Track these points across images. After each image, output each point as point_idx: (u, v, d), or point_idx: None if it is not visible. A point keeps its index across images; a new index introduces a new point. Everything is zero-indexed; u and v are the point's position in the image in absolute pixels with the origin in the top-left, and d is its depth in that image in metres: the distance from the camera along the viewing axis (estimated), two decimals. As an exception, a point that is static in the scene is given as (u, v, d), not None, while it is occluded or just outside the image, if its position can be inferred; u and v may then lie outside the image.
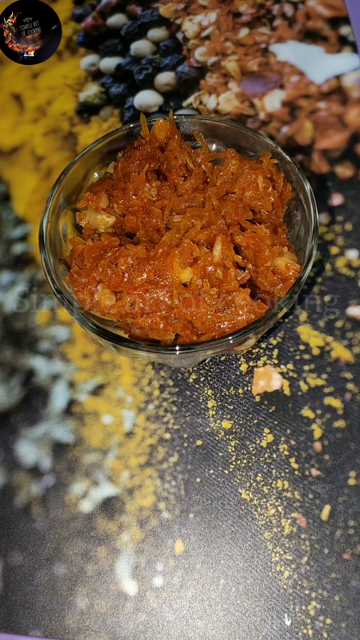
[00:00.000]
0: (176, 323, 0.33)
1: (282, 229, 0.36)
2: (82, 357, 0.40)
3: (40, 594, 0.34)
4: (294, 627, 0.32)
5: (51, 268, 0.35)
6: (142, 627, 0.33)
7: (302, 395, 0.37)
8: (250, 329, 0.32)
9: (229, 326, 0.32)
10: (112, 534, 0.35)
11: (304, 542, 0.34)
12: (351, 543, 0.34)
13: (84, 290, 0.34)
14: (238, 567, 0.34)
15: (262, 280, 0.34)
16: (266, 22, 0.51)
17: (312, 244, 0.34)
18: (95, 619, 0.33)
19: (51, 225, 0.36)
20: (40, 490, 0.37)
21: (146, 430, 0.37)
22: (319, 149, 0.45)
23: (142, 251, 0.33)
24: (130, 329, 0.35)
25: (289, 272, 0.34)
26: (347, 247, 0.42)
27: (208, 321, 0.33)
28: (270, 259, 0.34)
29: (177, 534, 0.35)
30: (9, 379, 0.40)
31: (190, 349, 0.32)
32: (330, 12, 0.51)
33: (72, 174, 0.38)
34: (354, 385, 0.37)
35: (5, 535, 0.36)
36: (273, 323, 0.33)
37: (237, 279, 0.33)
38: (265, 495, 0.35)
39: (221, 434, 0.37)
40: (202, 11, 0.52)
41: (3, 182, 0.47)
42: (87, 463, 0.37)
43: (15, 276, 0.43)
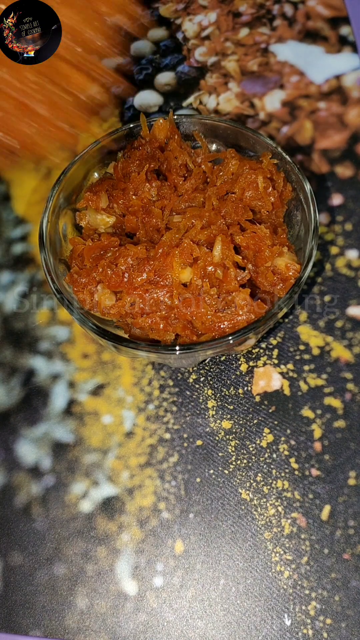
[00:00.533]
0: (176, 323, 0.33)
1: (282, 229, 0.36)
2: (82, 357, 0.40)
3: (40, 594, 0.34)
4: (294, 627, 0.32)
5: (51, 268, 0.35)
6: (142, 627, 0.33)
7: (302, 395, 0.37)
8: (250, 329, 0.32)
9: (229, 326, 0.32)
10: (112, 534, 0.35)
11: (304, 542, 0.34)
12: (351, 543, 0.34)
13: (84, 290, 0.34)
14: (238, 567, 0.34)
15: (262, 280, 0.34)
16: (266, 22, 0.51)
17: (312, 244, 0.34)
18: (95, 619, 0.33)
19: (51, 225, 0.36)
20: (40, 490, 0.37)
21: (146, 430, 0.37)
22: (319, 149, 0.45)
23: (142, 251, 0.33)
24: (130, 329, 0.35)
25: (289, 272, 0.34)
26: (347, 247, 0.42)
27: (208, 321, 0.33)
28: (270, 259, 0.34)
29: (177, 534, 0.35)
30: (9, 379, 0.40)
31: (190, 349, 0.32)
32: (330, 12, 0.51)
33: (72, 174, 0.38)
34: (354, 385, 0.37)
35: (5, 535, 0.36)
36: (273, 323, 0.33)
37: (237, 279, 0.33)
38: (265, 495, 0.35)
39: (221, 434, 0.37)
40: (202, 11, 0.52)
41: (3, 182, 0.47)
42: (87, 463, 0.37)
43: (15, 276, 0.43)
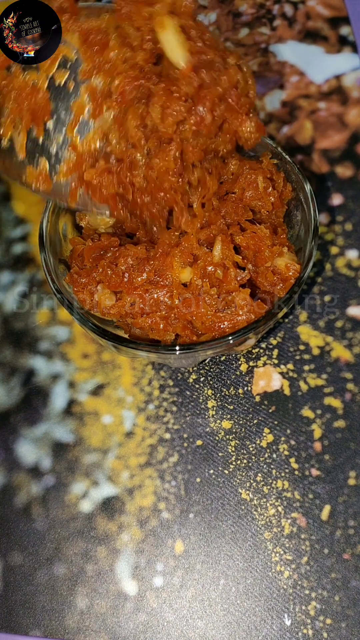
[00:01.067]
0: (176, 323, 0.33)
1: (282, 229, 0.36)
2: (82, 357, 0.40)
3: (40, 594, 0.34)
4: (294, 627, 0.32)
5: (51, 268, 0.35)
6: (142, 627, 0.33)
7: (302, 395, 0.37)
8: (250, 328, 0.32)
9: (229, 326, 0.32)
10: (112, 534, 0.35)
11: (304, 542, 0.34)
12: (351, 543, 0.34)
13: (84, 290, 0.34)
14: (238, 567, 0.34)
15: (262, 280, 0.34)
16: (266, 22, 0.51)
17: (312, 244, 0.34)
18: (95, 619, 0.34)
19: (51, 225, 0.36)
20: (40, 490, 0.37)
21: (146, 430, 0.37)
22: (319, 149, 0.45)
23: (142, 251, 0.33)
24: (130, 329, 0.35)
25: (288, 272, 0.34)
26: (347, 247, 0.42)
27: (208, 321, 0.33)
28: (270, 259, 0.34)
29: (177, 534, 0.35)
30: (9, 379, 0.40)
31: (190, 349, 0.32)
32: (330, 12, 0.51)
33: None
34: (354, 385, 0.37)
35: (5, 535, 0.36)
36: (273, 323, 0.33)
37: (237, 279, 0.33)
38: (265, 495, 0.35)
39: (221, 434, 0.37)
40: (202, 11, 0.52)
41: (3, 182, 0.47)
42: (87, 463, 0.37)
43: (15, 276, 0.43)
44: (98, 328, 0.33)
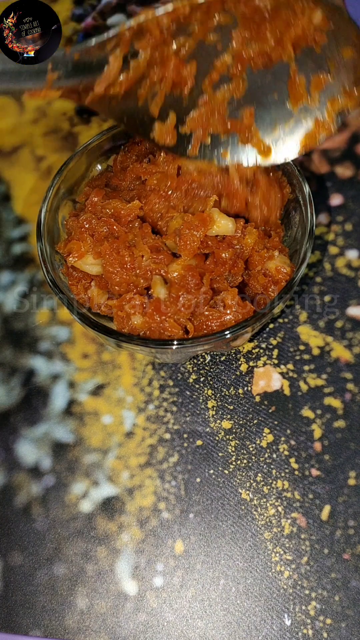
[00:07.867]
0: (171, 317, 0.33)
1: (277, 232, 0.36)
2: (82, 357, 0.40)
3: (40, 594, 0.34)
4: (294, 627, 0.32)
5: (47, 258, 0.35)
6: (142, 627, 0.33)
7: (302, 395, 0.37)
8: (238, 327, 0.32)
9: (217, 324, 0.33)
10: (112, 534, 0.35)
11: (304, 542, 0.34)
12: (351, 543, 0.34)
13: (79, 285, 0.35)
14: (238, 567, 0.34)
15: (254, 283, 0.34)
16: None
17: (307, 246, 0.34)
18: (95, 619, 0.34)
19: (50, 215, 0.36)
20: (40, 490, 0.37)
21: (146, 430, 0.37)
22: (319, 149, 0.45)
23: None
24: None
25: (279, 275, 0.34)
26: (347, 247, 0.42)
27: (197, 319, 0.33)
28: (260, 263, 0.34)
29: (177, 534, 0.35)
30: (9, 379, 0.40)
31: (182, 344, 0.32)
32: (330, 12, 0.51)
33: (74, 165, 0.38)
34: (354, 385, 0.37)
35: (5, 535, 0.36)
36: (263, 323, 0.33)
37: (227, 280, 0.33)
38: (265, 495, 0.35)
39: (221, 434, 0.37)
40: None
41: (3, 182, 0.47)
42: (87, 463, 0.37)
43: (15, 276, 0.43)
44: (88, 319, 0.33)
